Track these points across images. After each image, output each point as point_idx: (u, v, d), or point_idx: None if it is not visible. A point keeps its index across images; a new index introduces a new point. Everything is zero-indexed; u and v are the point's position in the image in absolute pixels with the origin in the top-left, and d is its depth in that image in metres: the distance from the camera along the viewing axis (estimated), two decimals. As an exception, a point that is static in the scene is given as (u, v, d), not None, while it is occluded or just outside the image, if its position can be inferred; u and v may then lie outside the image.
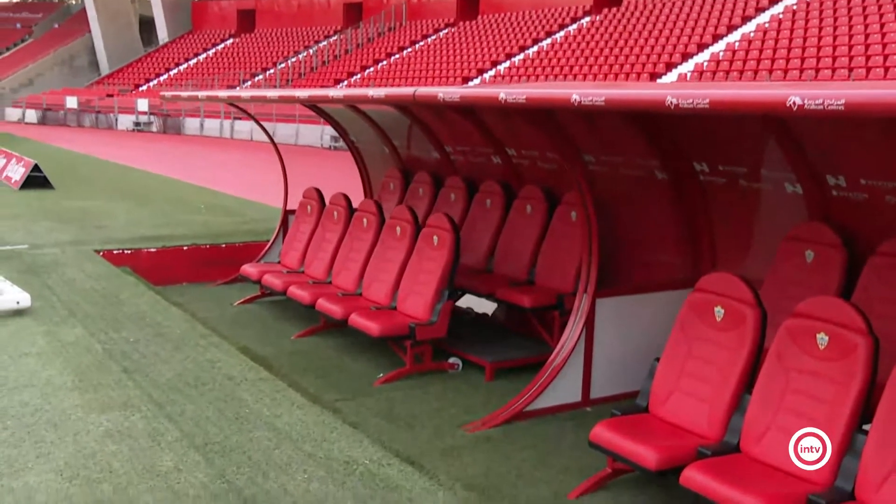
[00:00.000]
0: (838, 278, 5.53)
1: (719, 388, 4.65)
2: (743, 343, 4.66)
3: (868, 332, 4.15)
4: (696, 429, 4.64)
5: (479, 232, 8.24)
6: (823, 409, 4.17)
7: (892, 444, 3.84)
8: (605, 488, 4.83)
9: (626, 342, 6.05)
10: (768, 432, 4.32)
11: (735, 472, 4.15)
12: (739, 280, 4.83)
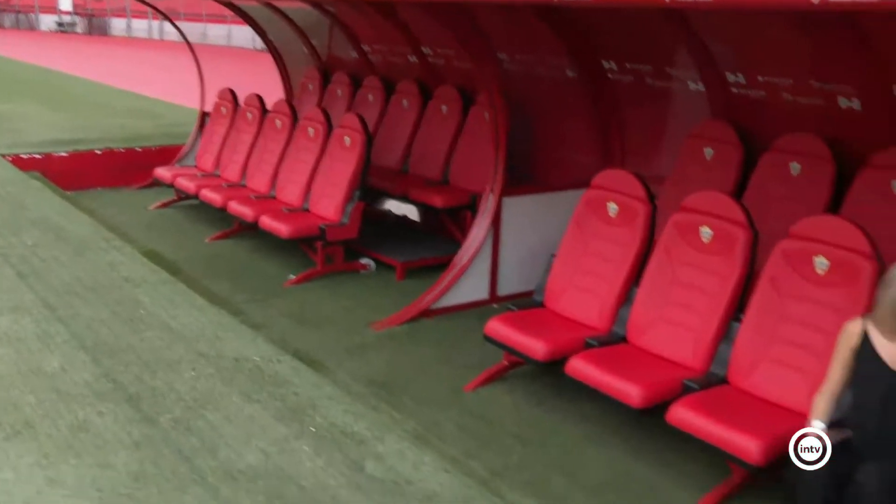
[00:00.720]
0: (735, 175, 5.62)
1: (611, 282, 4.76)
2: (634, 238, 4.75)
3: (748, 226, 4.26)
4: (587, 321, 4.76)
5: (396, 133, 8.16)
6: (705, 301, 4.31)
7: (763, 333, 4.00)
8: (502, 380, 4.96)
9: (534, 240, 6.10)
10: (653, 323, 4.46)
11: (618, 361, 4.29)
12: (633, 176, 4.89)
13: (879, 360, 3.19)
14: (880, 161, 4.95)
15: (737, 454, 3.56)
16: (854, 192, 4.99)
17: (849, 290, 3.78)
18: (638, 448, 4.26)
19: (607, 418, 4.51)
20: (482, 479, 3.78)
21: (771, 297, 4.02)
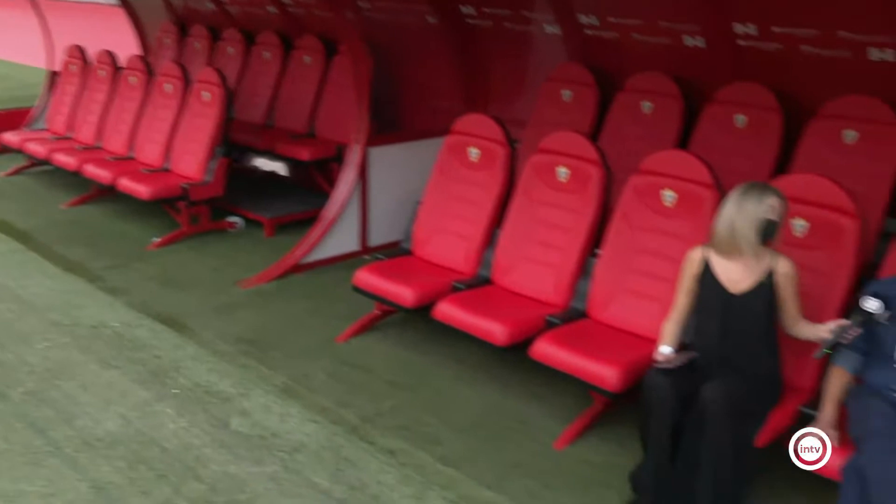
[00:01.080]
0: (592, 115, 5.76)
1: (475, 225, 4.82)
2: (495, 181, 4.81)
3: (601, 164, 4.38)
4: (454, 265, 4.82)
5: (259, 86, 7.95)
6: (563, 238, 4.42)
7: (618, 266, 4.15)
8: (375, 329, 4.98)
9: (402, 189, 6.09)
10: (516, 263, 4.55)
11: (484, 302, 4.36)
12: (492, 120, 4.94)
13: (718, 284, 3.36)
14: (724, 97, 5.17)
15: (597, 383, 3.70)
16: (701, 127, 5.20)
17: (694, 220, 3.95)
18: (507, 384, 4.37)
19: (477, 358, 4.61)
20: (352, 427, 3.81)
21: (624, 230, 4.16)
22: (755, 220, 3.23)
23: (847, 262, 3.55)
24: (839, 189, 3.62)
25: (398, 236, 5.33)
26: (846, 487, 2.85)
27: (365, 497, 3.32)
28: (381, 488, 3.37)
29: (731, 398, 3.16)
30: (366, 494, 3.32)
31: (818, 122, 4.78)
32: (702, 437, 3.18)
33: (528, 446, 3.84)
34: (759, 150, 4.98)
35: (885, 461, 2.77)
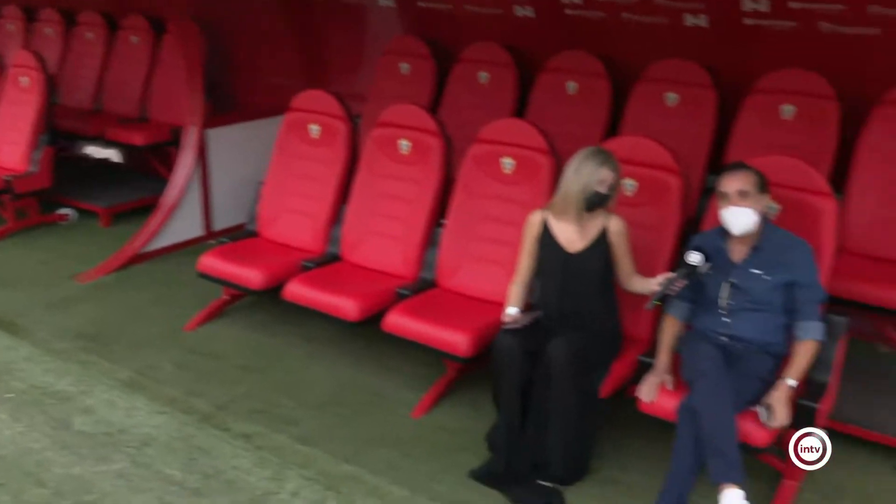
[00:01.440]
0: (430, 87, 5.81)
1: (320, 202, 4.77)
2: (338, 157, 4.78)
3: (441, 135, 4.43)
4: (302, 244, 4.76)
5: (83, 69, 7.54)
6: (408, 210, 4.45)
7: (463, 235, 4.22)
8: (225, 315, 4.87)
9: (245, 170, 5.94)
10: (363, 237, 4.55)
11: (334, 279, 4.34)
12: (331, 96, 4.89)
13: (557, 245, 3.49)
14: (555, 65, 5.34)
15: (448, 350, 3.76)
16: (535, 96, 5.36)
17: (532, 186, 4.07)
18: (360, 359, 4.39)
19: (329, 336, 4.59)
20: (204, 415, 3.72)
21: (466, 199, 4.23)
22: (585, 190, 3.37)
23: (673, 217, 3.76)
24: (663, 149, 3.82)
25: (243, 219, 5.21)
26: (681, 426, 3.05)
27: (220, 484, 3.26)
28: (236, 473, 3.32)
29: (574, 353, 3.30)
30: (220, 481, 3.26)
31: (642, 86, 5.02)
32: (549, 391, 3.31)
33: (385, 418, 3.88)
34: (589, 114, 5.19)
35: (713, 399, 2.98)
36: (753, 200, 3.18)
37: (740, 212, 3.18)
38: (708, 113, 4.83)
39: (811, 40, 4.53)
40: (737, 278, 3.24)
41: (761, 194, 3.20)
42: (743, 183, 3.19)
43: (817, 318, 3.19)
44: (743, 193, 3.18)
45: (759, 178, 3.21)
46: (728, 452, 2.93)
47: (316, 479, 3.33)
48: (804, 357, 3.14)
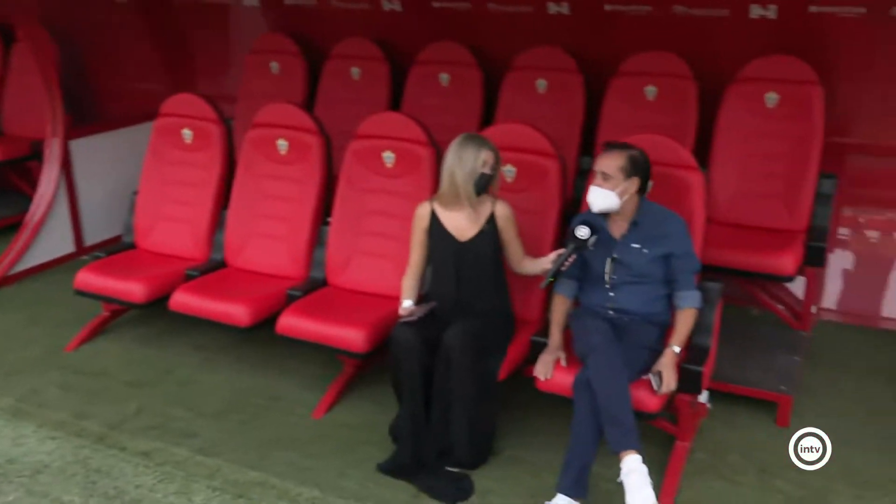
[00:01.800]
0: (302, 85, 5.77)
1: (199, 209, 4.66)
2: (214, 161, 4.68)
3: (319, 131, 4.41)
4: (184, 253, 4.64)
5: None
6: (292, 209, 4.42)
7: (349, 231, 4.22)
8: (108, 331, 4.70)
9: (116, 181, 5.73)
10: (248, 241, 4.48)
11: (221, 285, 4.26)
12: (201, 99, 4.78)
13: (447, 234, 3.56)
14: (426, 57, 5.40)
15: (345, 347, 3.77)
16: (409, 88, 5.41)
17: (414, 178, 4.11)
18: (255, 365, 4.33)
19: (220, 344, 4.52)
20: (98, 436, 3.60)
21: (350, 195, 4.24)
22: (472, 175, 3.44)
23: (554, 199, 3.89)
24: (539, 134, 3.94)
25: (118, 231, 5.03)
26: (578, 400, 3.17)
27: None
28: (141, 492, 3.23)
29: (471, 339, 3.37)
30: (125, 502, 3.16)
31: (513, 74, 5.15)
32: (449, 379, 3.37)
33: (286, 421, 3.85)
34: (463, 104, 5.29)
35: (606, 371, 3.11)
36: (613, 183, 3.32)
37: (598, 192, 3.34)
38: (576, 97, 5.00)
39: (668, 24, 4.78)
40: (618, 253, 3.40)
41: (629, 178, 3.33)
42: (607, 166, 3.33)
43: (694, 287, 3.38)
44: (605, 176, 3.33)
45: (629, 161, 3.34)
46: (624, 421, 3.07)
47: (224, 489, 3.29)
48: (685, 324, 3.32)
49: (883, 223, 4.77)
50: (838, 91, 4.49)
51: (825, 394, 4.00)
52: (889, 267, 4.74)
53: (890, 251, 4.74)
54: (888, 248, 4.74)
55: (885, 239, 4.76)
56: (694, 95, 4.72)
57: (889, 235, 4.74)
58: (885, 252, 4.75)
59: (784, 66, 4.43)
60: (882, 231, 4.76)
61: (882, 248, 4.77)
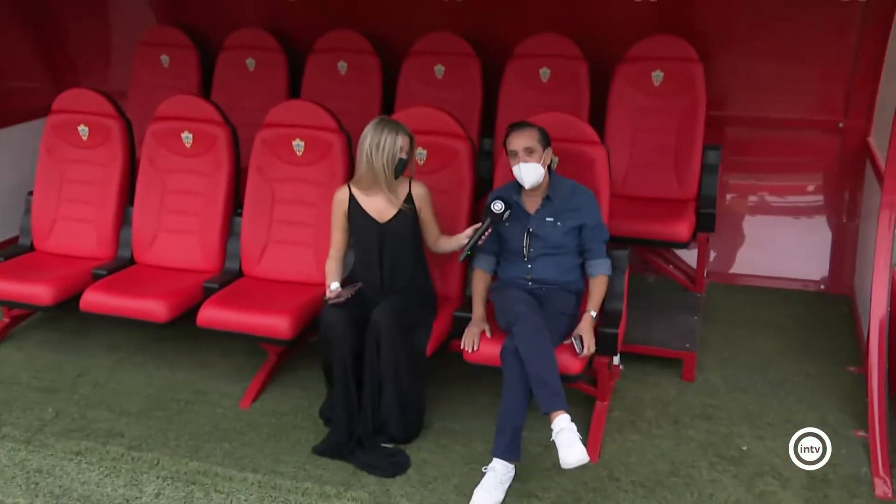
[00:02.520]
0: (196, 77, 5.68)
1: (102, 206, 4.56)
2: (115, 157, 4.58)
3: (224, 123, 4.39)
4: (89, 252, 4.53)
5: None
6: (201, 203, 4.38)
7: (262, 220, 4.23)
8: (10, 339, 4.55)
9: (7, 182, 5.48)
10: (156, 236, 4.41)
11: (133, 283, 4.18)
12: (97, 94, 4.66)
13: (367, 217, 3.64)
14: (323, 45, 5.43)
15: (269, 334, 3.79)
16: (308, 77, 5.42)
17: (325, 165, 4.16)
18: (174, 361, 4.30)
19: (135, 343, 4.46)
20: (24, 441, 3.50)
21: (261, 185, 4.24)
22: (392, 160, 3.53)
23: (465, 179, 4.02)
24: (449, 117, 4.07)
25: (14, 233, 4.84)
26: (506, 367, 3.32)
27: (73, 501, 3.15)
28: (88, 488, 3.21)
29: (398, 316, 3.48)
30: (73, 498, 3.13)
31: (410, 60, 5.25)
32: (379, 356, 3.46)
33: (214, 413, 3.85)
34: (363, 91, 5.34)
35: (532, 337, 3.27)
36: (538, 156, 3.51)
37: (528, 167, 3.50)
38: (474, 81, 5.15)
39: (559, 6, 4.99)
40: (534, 227, 3.57)
41: (545, 149, 3.54)
42: (528, 140, 3.50)
43: (604, 255, 3.60)
44: (529, 150, 3.50)
45: (541, 133, 3.54)
46: (551, 382, 3.24)
47: (174, 478, 3.29)
48: (598, 290, 3.54)
49: (760, 188, 5.16)
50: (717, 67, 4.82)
51: (721, 347, 4.33)
52: (767, 229, 5.13)
53: (769, 214, 5.14)
54: (767, 212, 5.14)
55: (763, 204, 5.15)
56: (585, 75, 4.95)
57: (766, 200, 5.14)
58: (765, 216, 5.14)
59: (668, 46, 4.72)
60: (760, 196, 5.15)
61: (761, 212, 5.16)
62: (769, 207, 5.14)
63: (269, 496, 3.25)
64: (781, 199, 5.14)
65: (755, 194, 5.14)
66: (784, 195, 5.12)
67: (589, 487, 3.29)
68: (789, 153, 5.08)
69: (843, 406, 3.77)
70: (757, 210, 5.15)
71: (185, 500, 3.21)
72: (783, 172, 5.13)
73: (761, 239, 5.13)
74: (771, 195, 5.14)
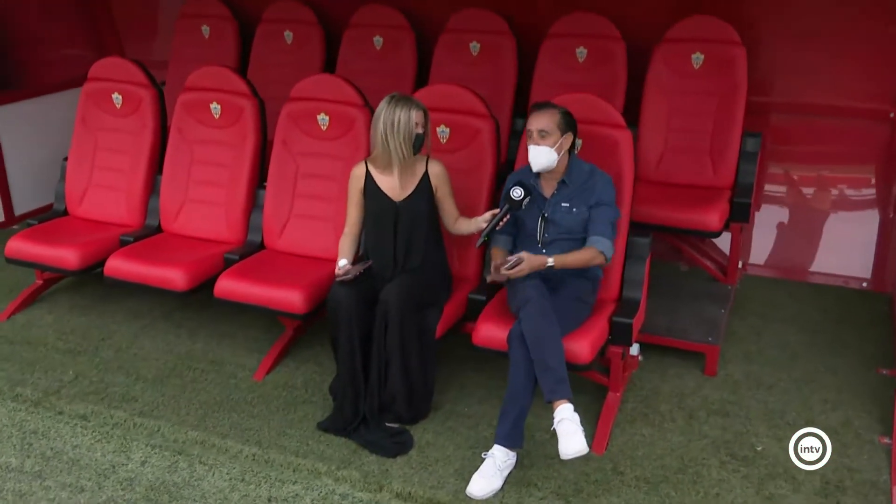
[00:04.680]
0: (235, 48, 5.70)
1: (132, 174, 4.61)
2: (146, 126, 4.62)
3: (252, 95, 4.39)
4: (118, 219, 4.60)
5: None
6: (227, 174, 4.40)
7: (285, 193, 4.23)
8: (41, 300, 4.65)
9: (45, 148, 5.60)
10: (183, 206, 4.45)
11: (157, 251, 4.23)
12: (131, 63, 4.71)
13: (383, 194, 3.60)
14: (359, 20, 5.39)
15: (284, 308, 3.80)
16: (342, 52, 5.39)
17: (349, 140, 4.13)
18: (193, 330, 4.34)
19: (159, 311, 4.52)
20: (34, 402, 3.60)
21: (285, 158, 4.23)
22: (409, 137, 3.48)
23: (487, 159, 3.95)
24: (472, 95, 3.99)
25: (49, 199, 4.94)
26: (512, 351, 3.25)
27: (62, 464, 3.20)
28: (78, 451, 3.25)
29: (408, 296, 3.44)
30: (62, 461, 3.19)
31: (445, 36, 5.18)
32: (387, 335, 3.43)
33: (227, 383, 3.88)
34: (397, 67, 5.29)
35: (539, 322, 3.20)
36: (553, 139, 3.40)
37: (539, 150, 3.41)
38: (509, 59, 5.05)
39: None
40: (548, 212, 3.48)
41: (564, 134, 3.42)
42: (544, 123, 3.40)
43: (608, 236, 3.43)
44: (542, 133, 3.40)
45: (563, 117, 3.43)
46: (556, 369, 3.16)
47: (164, 447, 3.32)
48: (578, 255, 3.39)
49: (803, 178, 4.97)
50: (760, 51, 4.64)
51: (749, 341, 4.19)
52: (809, 222, 4.94)
53: (811, 206, 4.94)
54: (809, 204, 4.94)
55: (806, 195, 4.96)
56: (622, 56, 4.82)
57: (809, 191, 4.94)
58: (807, 207, 4.95)
59: (709, 27, 4.55)
60: (802, 186, 4.96)
61: (803, 203, 4.96)
62: (812, 199, 4.92)
63: (251, 471, 3.25)
64: (825, 191, 4.92)
65: (798, 184, 4.94)
66: (828, 186, 4.90)
67: (591, 480, 3.21)
68: (835, 142, 4.85)
69: (870, 409, 3.61)
70: (799, 201, 4.95)
71: (168, 469, 3.23)
72: (828, 163, 4.90)
73: (802, 232, 4.93)
74: (814, 186, 4.93)
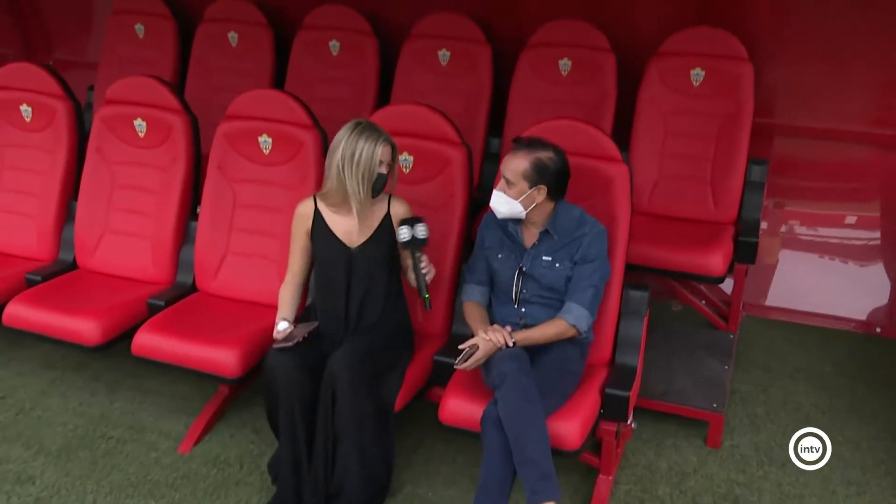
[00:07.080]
0: (173, 51, 5.05)
1: (43, 199, 3.96)
2: (59, 143, 3.97)
3: (184, 110, 3.75)
4: (27, 252, 3.94)
5: None
6: (153, 201, 3.75)
7: (222, 226, 3.61)
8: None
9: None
10: (102, 238, 3.80)
11: (68, 294, 3.59)
12: (43, 70, 4.05)
13: (335, 238, 3.00)
14: (312, 22, 4.78)
15: (214, 371, 3.17)
16: (294, 56, 4.77)
17: (295, 165, 3.51)
18: (113, 385, 3.73)
19: (74, 360, 3.90)
20: None
21: (222, 185, 3.60)
22: (369, 177, 2.88)
23: (458, 193, 3.35)
24: (441, 118, 3.39)
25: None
26: (486, 437, 2.69)
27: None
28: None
29: (360, 366, 2.84)
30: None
31: (412, 42, 4.58)
32: (335, 413, 2.84)
33: (147, 458, 3.26)
34: (357, 76, 4.70)
35: (518, 404, 2.63)
36: (517, 191, 2.83)
37: (500, 198, 2.88)
38: (483, 71, 4.46)
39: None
40: (527, 265, 2.91)
41: (535, 186, 2.83)
42: (510, 171, 2.84)
43: (585, 303, 2.85)
44: (509, 182, 2.84)
45: (535, 168, 2.81)
46: (540, 462, 2.61)
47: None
48: (545, 330, 2.84)
49: (808, 208, 4.46)
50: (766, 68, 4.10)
51: (755, 402, 3.66)
52: (815, 257, 4.43)
53: (817, 239, 4.43)
54: (815, 237, 4.43)
55: (810, 232, 4.45)
56: (612, 69, 4.25)
57: (813, 228, 4.44)
58: (812, 241, 4.44)
59: (711, 40, 4.01)
60: (806, 223, 4.46)
61: (808, 236, 4.46)
62: (817, 232, 4.42)
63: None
64: (833, 223, 4.42)
65: (801, 215, 4.42)
66: (837, 219, 4.40)
67: (582, 593, 2.65)
68: (845, 170, 4.35)
69: (900, 492, 3.10)
70: (802, 234, 4.44)
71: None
72: (837, 192, 4.41)
73: (807, 269, 4.41)
74: (821, 218, 4.42)
